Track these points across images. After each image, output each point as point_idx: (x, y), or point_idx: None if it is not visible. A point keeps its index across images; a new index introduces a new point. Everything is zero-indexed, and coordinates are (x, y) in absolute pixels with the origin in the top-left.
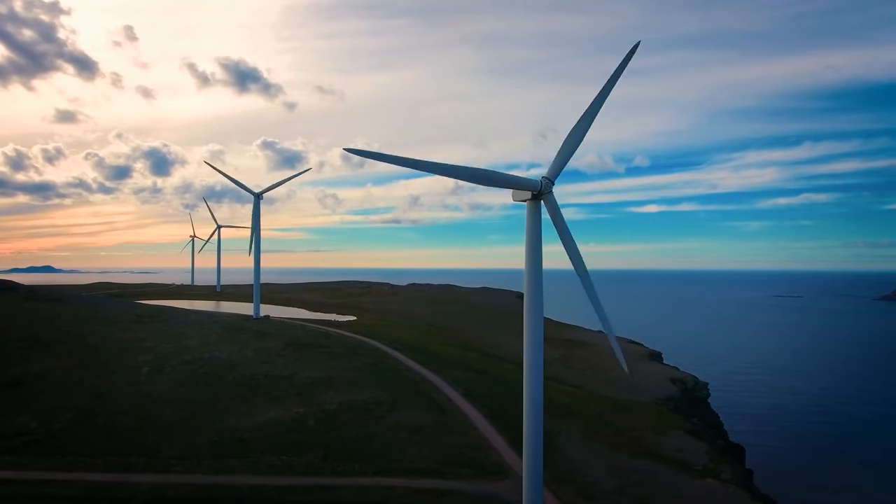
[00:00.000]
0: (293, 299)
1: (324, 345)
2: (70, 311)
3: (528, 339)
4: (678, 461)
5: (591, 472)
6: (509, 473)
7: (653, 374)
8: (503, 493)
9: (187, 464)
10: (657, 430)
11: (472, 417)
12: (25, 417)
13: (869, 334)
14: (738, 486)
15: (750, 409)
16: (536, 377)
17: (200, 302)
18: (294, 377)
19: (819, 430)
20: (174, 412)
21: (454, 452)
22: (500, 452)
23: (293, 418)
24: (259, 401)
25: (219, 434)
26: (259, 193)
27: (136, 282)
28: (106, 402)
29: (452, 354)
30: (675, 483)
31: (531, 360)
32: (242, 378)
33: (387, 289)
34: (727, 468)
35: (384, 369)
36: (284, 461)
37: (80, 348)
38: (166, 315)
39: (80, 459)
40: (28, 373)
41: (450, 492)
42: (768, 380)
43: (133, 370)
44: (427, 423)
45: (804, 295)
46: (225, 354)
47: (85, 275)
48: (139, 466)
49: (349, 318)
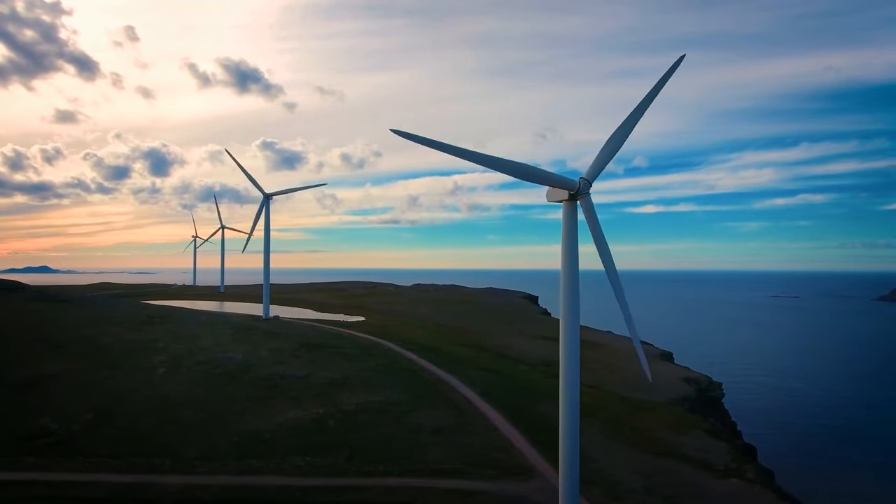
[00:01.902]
0: (297, 300)
1: (336, 345)
2: (79, 312)
3: (564, 341)
4: (700, 461)
5: (616, 473)
6: (534, 474)
7: (666, 375)
8: (531, 493)
9: (211, 465)
10: (676, 430)
11: (491, 418)
12: (45, 419)
13: (870, 335)
14: (762, 486)
15: (755, 410)
16: (573, 378)
17: (205, 302)
18: (310, 378)
19: (825, 431)
20: (193, 413)
21: (477, 453)
22: (524, 453)
23: (313, 419)
24: (277, 401)
25: (240, 435)
26: (270, 194)
27: (134, 282)
28: (124, 404)
29: (465, 355)
30: (700, 483)
31: (567, 361)
32: (258, 379)
33: (391, 289)
34: (750, 468)
35: (399, 370)
36: (308, 462)
37: (92, 349)
38: (176, 316)
39: (104, 461)
40: (42, 374)
41: (477, 492)
42: (770, 381)
43: (148, 371)
44: (447, 424)
45: (802, 295)
46: (239, 355)
47: (82, 275)
48: (164, 468)
49: (357, 319)
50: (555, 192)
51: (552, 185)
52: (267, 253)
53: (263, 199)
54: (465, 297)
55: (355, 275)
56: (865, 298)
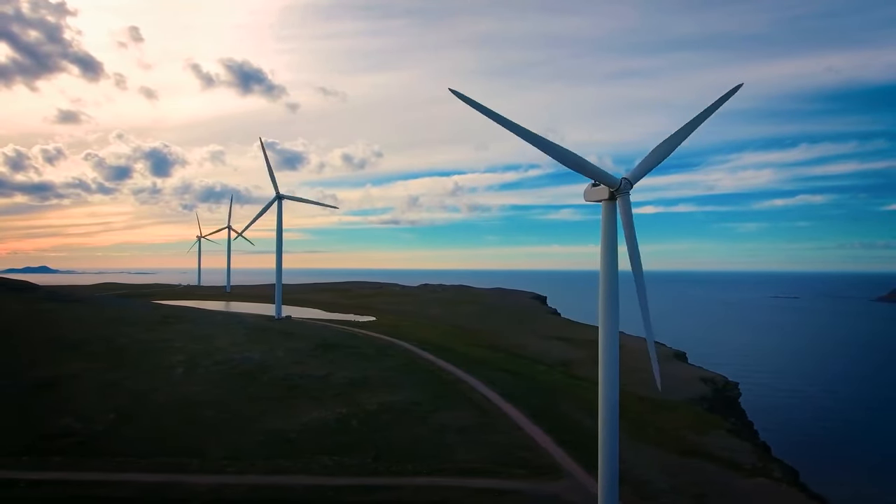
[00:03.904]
0: (305, 300)
1: (352, 345)
2: (93, 312)
3: (603, 341)
4: (727, 460)
5: (644, 472)
6: (563, 473)
7: (682, 375)
8: (562, 493)
9: (239, 465)
10: (698, 430)
11: (514, 418)
12: (68, 419)
13: (871, 335)
14: (789, 485)
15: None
16: (612, 378)
17: (213, 302)
18: (330, 378)
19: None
20: (216, 413)
21: (503, 452)
22: (550, 452)
23: (336, 419)
24: (299, 401)
25: (265, 434)
26: (282, 196)
27: (134, 282)
28: (145, 404)
29: (480, 355)
30: (727, 482)
31: (607, 361)
32: (277, 378)
33: (398, 289)
34: (775, 467)
35: (417, 370)
36: (336, 461)
37: (108, 349)
38: (189, 316)
39: (131, 460)
40: (59, 374)
41: (508, 492)
42: (773, 381)
43: (166, 371)
44: (471, 424)
45: (801, 296)
46: (256, 355)
47: (81, 275)
48: (192, 467)
49: (369, 319)
50: (593, 192)
51: (596, 179)
52: (279, 253)
53: (276, 198)
54: (474, 297)
55: (356, 275)
56: (865, 299)
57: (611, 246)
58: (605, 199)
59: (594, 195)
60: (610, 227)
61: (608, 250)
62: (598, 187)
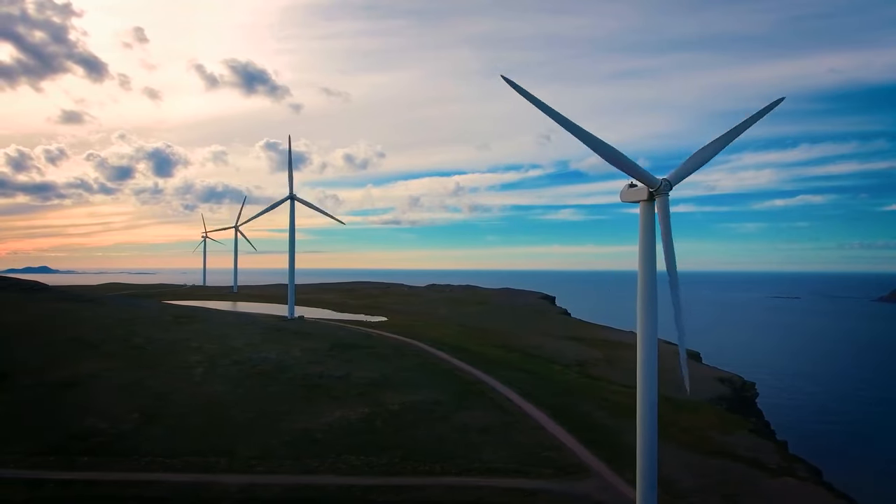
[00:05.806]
0: (313, 300)
1: (368, 345)
2: (108, 312)
3: (642, 342)
4: (752, 460)
5: (671, 471)
6: (591, 473)
7: (699, 375)
8: (592, 492)
9: (268, 464)
10: (722, 430)
11: (535, 417)
12: (93, 418)
13: (872, 335)
14: (815, 485)
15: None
16: (650, 380)
17: (221, 302)
18: (349, 377)
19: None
20: (240, 412)
21: (529, 452)
22: (575, 452)
23: (360, 418)
24: (321, 401)
25: (291, 434)
26: (294, 196)
27: (135, 282)
28: (168, 403)
29: (496, 355)
30: (755, 481)
31: (645, 363)
32: (297, 378)
33: (405, 289)
34: (801, 466)
35: (435, 370)
36: (364, 461)
37: (127, 349)
38: (201, 316)
39: (159, 460)
40: (80, 374)
41: (538, 491)
42: (776, 381)
43: (186, 371)
44: (494, 424)
45: (801, 296)
46: (273, 355)
47: (82, 275)
48: (220, 467)
49: (380, 319)
50: (632, 193)
51: (638, 179)
52: (292, 253)
53: (288, 198)
54: (483, 297)
55: (360, 275)
56: (865, 299)
57: (648, 247)
58: (644, 200)
59: (632, 196)
60: (648, 227)
61: (646, 251)
62: (637, 188)
